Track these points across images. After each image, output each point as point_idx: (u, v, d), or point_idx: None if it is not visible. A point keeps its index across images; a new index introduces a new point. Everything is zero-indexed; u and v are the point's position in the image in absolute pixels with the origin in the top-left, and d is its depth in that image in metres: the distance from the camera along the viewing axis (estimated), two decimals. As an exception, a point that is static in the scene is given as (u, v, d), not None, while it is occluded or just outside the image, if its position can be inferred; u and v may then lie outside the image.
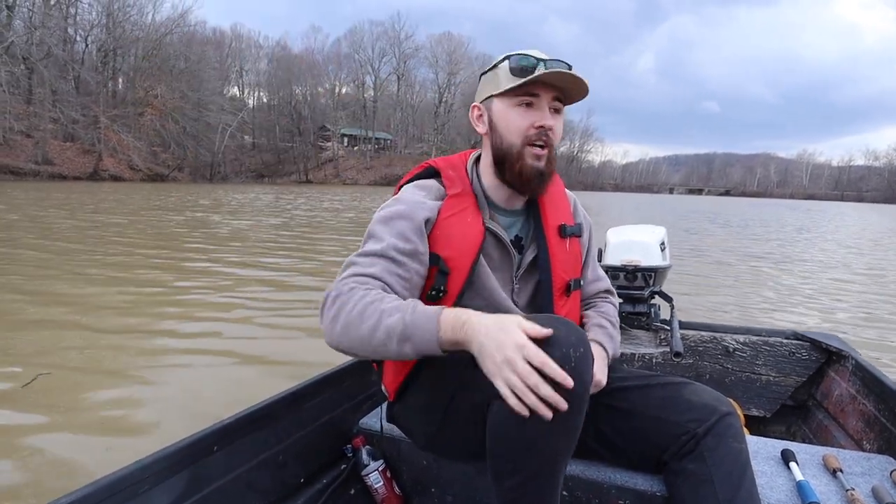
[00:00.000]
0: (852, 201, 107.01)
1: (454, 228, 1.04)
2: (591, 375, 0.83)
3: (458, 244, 1.04)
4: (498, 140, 1.07)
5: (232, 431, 1.10)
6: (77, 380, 2.73)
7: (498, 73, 1.06)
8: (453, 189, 1.09)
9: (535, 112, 1.04)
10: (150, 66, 48.49)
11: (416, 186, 1.10)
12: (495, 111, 1.07)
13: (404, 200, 1.05)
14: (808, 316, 4.86)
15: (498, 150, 1.07)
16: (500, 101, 1.06)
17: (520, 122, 1.04)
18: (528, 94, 1.03)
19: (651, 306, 2.09)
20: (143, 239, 8.53)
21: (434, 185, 1.10)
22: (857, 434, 1.53)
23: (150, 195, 22.21)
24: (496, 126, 1.07)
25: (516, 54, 1.04)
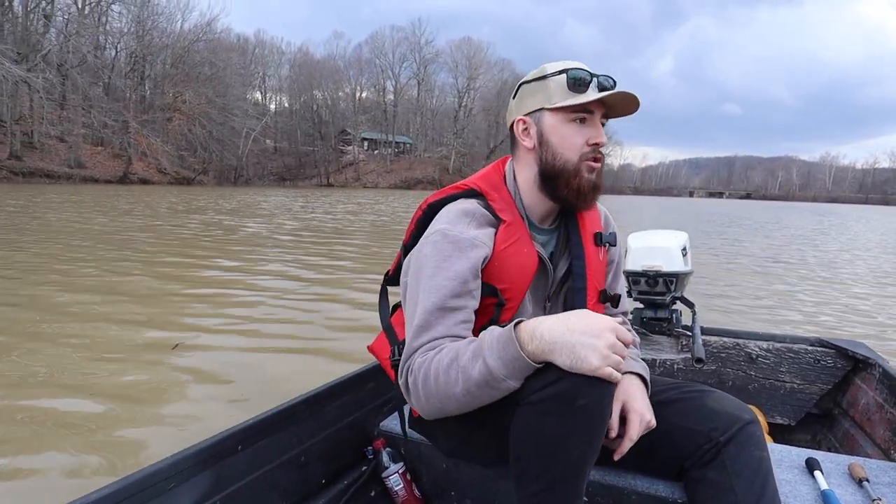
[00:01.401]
0: (877, 204, 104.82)
1: (511, 260, 1.01)
2: (615, 387, 0.83)
3: (515, 276, 1.02)
4: (550, 156, 1.03)
5: (255, 432, 1.13)
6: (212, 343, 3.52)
7: (549, 86, 1.02)
8: (505, 216, 1.04)
9: (589, 129, 1.02)
10: (177, 72, 49.69)
11: (462, 214, 1.03)
12: (547, 126, 1.03)
13: (455, 238, 0.98)
14: (831, 323, 4.80)
15: (550, 167, 1.03)
16: (552, 116, 1.02)
17: (576, 139, 1.02)
18: (584, 111, 1.01)
19: (672, 312, 2.08)
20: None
21: (481, 213, 1.04)
22: (885, 443, 1.50)
23: (197, 197, 22.77)
24: (548, 141, 1.03)
25: (573, 68, 1.01)
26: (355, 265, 6.98)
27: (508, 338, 0.82)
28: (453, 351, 0.87)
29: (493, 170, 1.13)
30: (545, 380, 0.80)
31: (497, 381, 0.82)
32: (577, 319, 0.81)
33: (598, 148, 1.03)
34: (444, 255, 0.96)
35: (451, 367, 0.85)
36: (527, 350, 0.81)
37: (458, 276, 0.94)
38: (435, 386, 0.87)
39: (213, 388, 2.79)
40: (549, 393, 0.80)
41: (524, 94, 1.06)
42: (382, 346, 1.17)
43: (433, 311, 0.93)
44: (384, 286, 1.22)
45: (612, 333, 0.79)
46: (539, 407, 0.81)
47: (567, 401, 0.80)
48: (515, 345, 0.81)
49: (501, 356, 0.81)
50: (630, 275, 2.00)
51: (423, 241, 1.01)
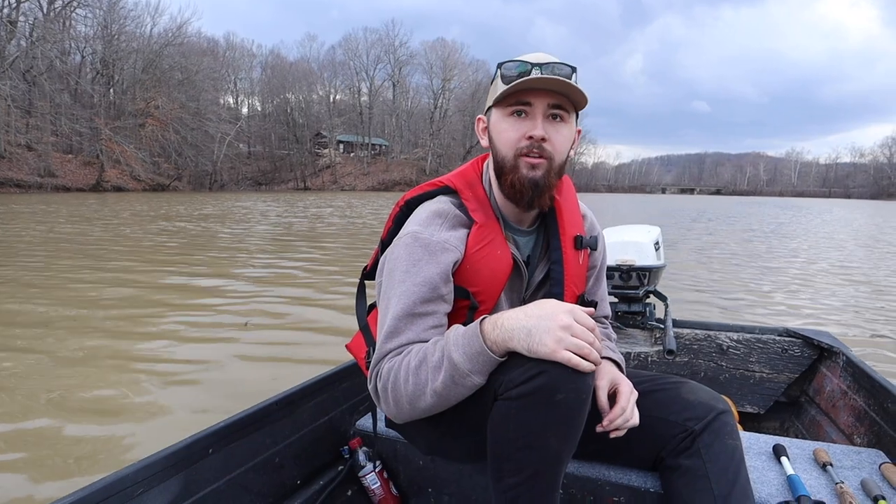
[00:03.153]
0: (839, 198, 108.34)
1: (483, 263, 0.99)
2: (593, 380, 0.85)
3: (488, 278, 1.00)
4: (496, 152, 1.01)
5: (227, 434, 1.11)
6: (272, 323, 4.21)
7: (497, 83, 0.99)
8: (478, 216, 1.02)
9: (527, 122, 0.97)
10: (148, 77, 48.86)
11: (434, 215, 1.00)
12: (492, 122, 1.01)
13: (425, 242, 0.96)
14: (799, 312, 4.93)
15: (497, 163, 1.01)
16: (496, 112, 1.00)
17: (511, 133, 0.98)
18: (520, 103, 0.97)
19: (646, 305, 2.10)
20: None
21: (454, 214, 1.01)
22: (848, 429, 1.55)
23: (174, 205, 22.49)
24: (493, 138, 1.02)
25: (510, 60, 0.97)
26: (336, 268, 7.06)
27: (473, 333, 0.83)
28: (421, 352, 0.88)
29: (470, 167, 1.11)
30: (524, 374, 0.80)
31: (462, 376, 0.82)
32: (535, 306, 0.82)
33: (538, 142, 0.96)
34: (415, 259, 0.95)
35: (420, 369, 0.86)
36: (489, 341, 0.81)
37: (427, 281, 0.94)
38: (404, 389, 0.88)
39: (189, 393, 2.81)
40: (529, 388, 0.80)
41: (487, 95, 1.06)
42: (359, 345, 1.16)
43: (402, 316, 0.93)
44: (361, 282, 1.20)
45: (568, 315, 0.79)
46: (518, 402, 0.81)
47: (546, 395, 0.79)
48: (479, 339, 0.82)
49: (466, 351, 0.82)
50: None
51: (396, 242, 1.00)
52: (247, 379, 3.01)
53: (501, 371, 0.83)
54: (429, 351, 0.87)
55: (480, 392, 0.85)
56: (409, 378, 0.87)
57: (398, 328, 0.92)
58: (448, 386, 0.83)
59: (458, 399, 0.86)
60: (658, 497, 1.05)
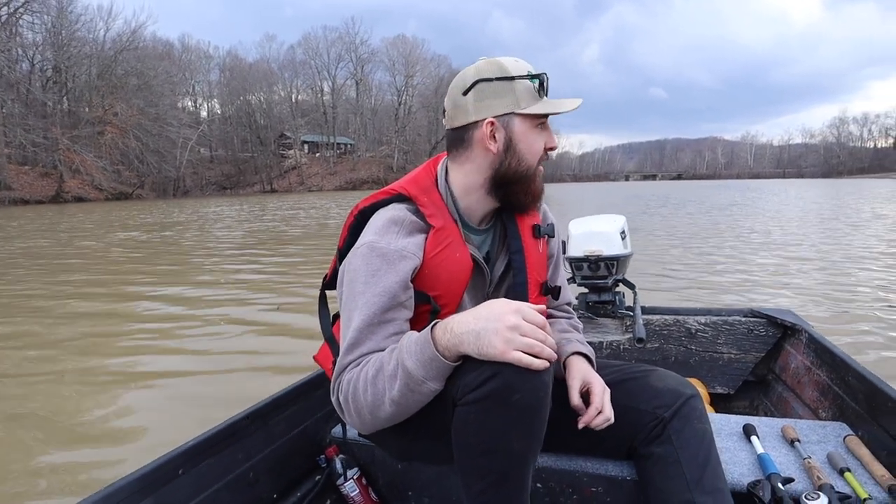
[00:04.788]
0: (793, 178, 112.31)
1: (443, 266, 1.00)
2: (551, 378, 0.84)
3: (448, 281, 1.00)
4: (515, 162, 1.01)
5: (197, 452, 1.08)
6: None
7: (516, 89, 0.99)
8: (435, 221, 1.01)
9: (547, 133, 1.04)
10: (104, 83, 47.81)
11: (390, 222, 1.00)
12: (517, 131, 1.00)
13: (382, 251, 0.96)
14: (761, 292, 5.01)
15: (512, 172, 1.01)
16: (522, 122, 1.00)
17: (539, 144, 1.02)
18: (545, 116, 1.02)
19: (615, 294, 2.12)
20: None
21: (410, 220, 1.00)
22: (814, 403, 1.58)
23: (137, 213, 22.15)
24: (516, 147, 1.00)
25: (537, 73, 1.00)
26: (307, 269, 7.08)
27: (425, 339, 0.83)
28: (378, 362, 0.88)
29: (423, 172, 1.09)
30: (478, 378, 0.80)
31: (418, 383, 0.83)
32: (483, 307, 0.82)
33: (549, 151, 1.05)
34: (373, 269, 0.95)
35: (377, 378, 0.87)
36: (440, 347, 0.81)
37: (386, 291, 0.94)
38: (364, 400, 0.88)
39: (157, 409, 2.75)
40: (484, 392, 0.80)
41: (485, 95, 0.99)
42: (326, 355, 1.15)
43: (362, 328, 0.93)
44: (322, 292, 1.19)
45: (515, 315, 0.79)
46: (475, 406, 0.81)
47: (502, 397, 0.80)
48: (431, 345, 0.82)
49: (419, 358, 0.82)
50: (572, 261, 2.04)
51: (353, 253, 0.99)
52: (217, 392, 2.92)
53: (457, 376, 0.83)
54: (384, 360, 0.88)
55: (441, 396, 0.86)
56: (368, 388, 0.88)
57: (359, 339, 0.93)
58: (405, 394, 0.84)
59: (419, 406, 0.87)
60: (635, 484, 1.08)
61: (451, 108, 1.04)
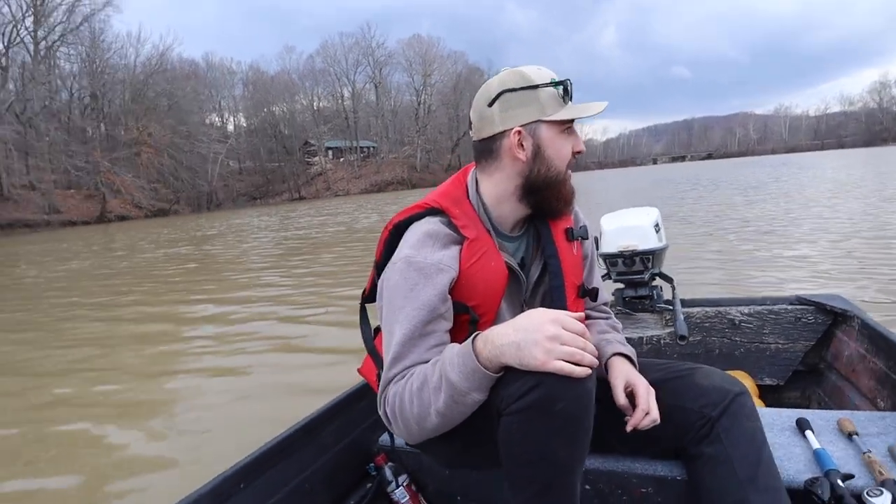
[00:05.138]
0: (832, 149, 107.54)
1: (479, 276, 1.01)
2: (594, 384, 0.84)
3: (485, 290, 1.01)
4: (544, 168, 1.03)
5: (256, 467, 1.12)
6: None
7: (540, 97, 1.01)
8: (469, 232, 1.03)
9: (574, 137, 1.05)
10: (138, 106, 50.14)
11: (426, 236, 1.01)
12: (545, 138, 1.02)
13: (420, 265, 0.97)
14: (807, 277, 4.79)
15: (542, 178, 1.03)
16: (549, 128, 1.02)
17: (568, 149, 1.04)
18: (571, 121, 1.04)
19: (653, 288, 2.08)
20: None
21: (444, 233, 1.02)
22: (871, 392, 1.52)
23: (177, 227, 22.72)
24: (544, 154, 1.02)
25: (560, 80, 1.03)
26: (343, 278, 7.13)
27: (467, 352, 0.84)
28: (422, 375, 0.90)
29: (453, 184, 1.11)
30: (521, 388, 0.81)
31: (462, 395, 0.84)
32: (522, 318, 0.83)
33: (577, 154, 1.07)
34: (411, 283, 0.97)
35: (423, 391, 0.88)
36: (482, 358, 0.82)
37: (426, 304, 0.95)
38: (410, 412, 0.90)
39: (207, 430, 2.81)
40: (527, 402, 0.81)
41: (511, 105, 1.02)
42: (370, 368, 1.18)
43: (405, 342, 0.95)
44: (363, 306, 1.22)
45: (555, 325, 0.79)
46: (519, 416, 0.82)
47: (545, 407, 0.80)
48: (473, 357, 0.83)
49: (462, 370, 0.83)
50: (607, 257, 2.01)
51: (391, 268, 1.01)
52: (264, 409, 2.99)
53: (500, 386, 0.84)
54: (428, 372, 0.89)
55: (486, 406, 0.87)
56: (414, 401, 0.89)
57: (401, 353, 0.95)
58: (450, 405, 0.86)
59: (463, 416, 0.88)
60: (684, 484, 1.05)
61: (478, 119, 1.06)
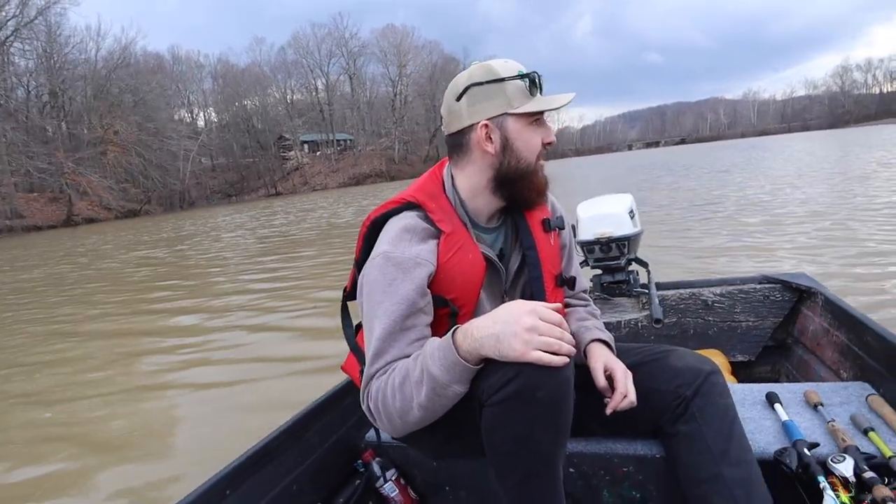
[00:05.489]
0: (798, 132, 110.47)
1: (457, 269, 1.02)
2: (572, 371, 0.86)
3: (463, 283, 1.03)
4: (514, 160, 1.04)
5: (241, 472, 1.11)
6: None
7: (507, 90, 1.02)
8: (445, 226, 1.04)
9: (543, 129, 1.06)
10: (101, 103, 48.01)
11: (403, 231, 1.02)
12: (512, 131, 1.03)
13: (398, 260, 0.99)
14: (775, 257, 5.02)
15: (512, 171, 1.05)
16: (515, 121, 1.03)
17: (536, 141, 1.05)
18: (539, 113, 1.05)
19: (629, 273, 2.15)
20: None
21: (422, 227, 1.03)
22: (835, 364, 1.61)
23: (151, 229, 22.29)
24: (512, 146, 1.03)
25: (527, 72, 1.04)
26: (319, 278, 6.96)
27: (447, 345, 0.85)
28: (404, 369, 0.91)
29: (429, 178, 1.12)
30: (501, 379, 0.83)
31: (443, 387, 0.85)
32: (501, 310, 0.85)
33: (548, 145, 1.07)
34: (390, 279, 0.98)
35: (405, 385, 0.90)
36: (462, 351, 0.84)
37: (405, 299, 0.96)
38: (393, 406, 0.91)
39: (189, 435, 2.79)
40: (508, 392, 0.82)
41: (478, 98, 1.03)
42: (353, 365, 1.19)
43: (385, 337, 0.96)
44: (344, 303, 1.21)
45: (532, 316, 0.82)
46: (501, 406, 0.84)
47: (526, 396, 0.82)
48: (453, 350, 0.84)
49: (443, 364, 0.85)
50: (584, 244, 2.07)
51: (370, 264, 1.02)
52: (247, 414, 2.93)
53: (482, 378, 0.86)
54: (410, 367, 0.90)
55: (468, 398, 0.88)
56: (396, 395, 0.91)
57: (383, 348, 0.96)
58: (432, 398, 0.87)
59: (446, 408, 0.90)
60: (663, 461, 1.12)
61: (447, 114, 1.08)
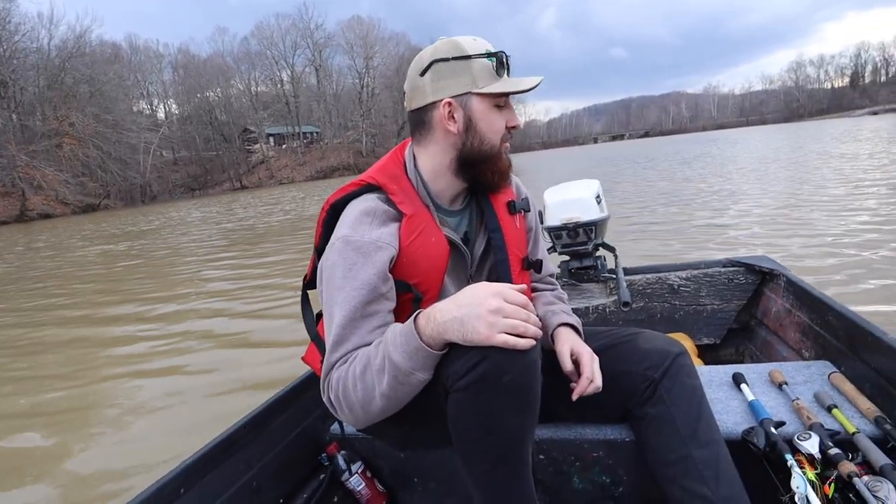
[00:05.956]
0: (756, 125, 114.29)
1: (419, 252, 0.99)
2: (539, 354, 0.84)
3: (426, 267, 0.99)
4: (477, 141, 1.00)
5: (198, 469, 1.06)
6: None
7: (473, 68, 0.98)
8: (407, 208, 1.00)
9: (508, 112, 1.03)
10: (55, 94, 46.04)
11: (363, 214, 0.98)
12: (476, 111, 0.99)
13: (358, 244, 0.95)
14: (737, 240, 5.15)
15: (475, 152, 1.01)
16: (480, 101, 0.99)
17: (500, 123, 1.01)
18: (504, 95, 1.00)
19: (597, 258, 2.14)
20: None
21: (382, 210, 0.99)
22: (797, 344, 1.62)
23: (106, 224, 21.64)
24: (476, 127, 1.00)
25: (494, 52, 0.99)
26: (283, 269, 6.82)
27: (409, 331, 0.82)
28: (365, 357, 0.88)
29: (390, 160, 1.08)
30: (466, 364, 0.80)
31: (406, 375, 0.82)
32: (464, 293, 0.82)
33: (513, 129, 1.04)
34: (349, 263, 0.94)
35: (366, 374, 0.86)
36: (425, 337, 0.81)
37: (366, 284, 0.93)
38: (354, 396, 0.88)
39: (148, 432, 2.68)
40: (474, 377, 0.80)
41: (442, 75, 0.99)
42: (314, 355, 1.15)
43: (346, 324, 0.92)
44: (304, 292, 1.18)
45: (496, 298, 0.79)
46: (467, 392, 0.81)
47: (492, 380, 0.80)
48: (415, 336, 0.81)
49: (405, 350, 0.82)
50: (551, 230, 2.05)
51: (329, 249, 0.98)
52: (210, 408, 2.84)
53: (446, 364, 0.83)
54: (371, 355, 0.87)
55: (433, 385, 0.86)
56: (357, 385, 0.87)
57: (343, 336, 0.92)
58: (394, 387, 0.84)
59: (409, 397, 0.87)
60: (632, 444, 1.11)
61: (410, 89, 1.04)
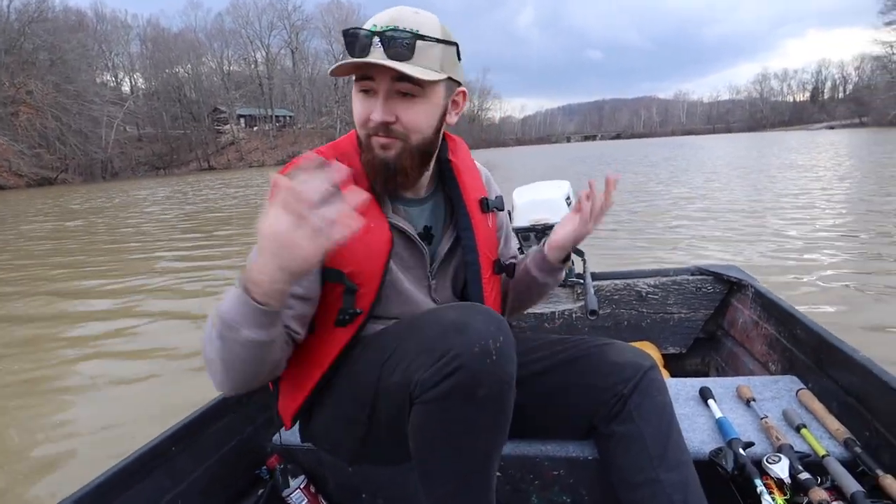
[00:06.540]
0: (722, 133, 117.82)
1: (356, 238, 0.79)
2: (515, 367, 0.78)
3: (363, 255, 0.89)
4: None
5: (113, 486, 0.94)
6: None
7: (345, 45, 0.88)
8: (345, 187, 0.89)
9: (373, 100, 0.87)
10: (13, 60, 43.79)
11: None
12: (353, 95, 0.92)
13: None
14: (706, 250, 5.08)
15: (357, 140, 0.94)
16: (355, 85, 0.89)
17: (360, 112, 0.89)
18: (365, 78, 0.86)
19: None
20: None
21: None
22: (763, 357, 1.59)
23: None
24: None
25: (354, 29, 0.85)
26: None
27: (237, 280, 0.75)
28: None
29: (347, 137, 0.99)
30: (438, 374, 0.74)
31: (234, 331, 0.74)
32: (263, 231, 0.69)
33: (382, 125, 0.86)
34: None
35: (210, 332, 0.78)
36: (252, 285, 0.72)
37: None
38: (211, 354, 0.79)
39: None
40: (446, 387, 0.74)
41: None
42: None
43: None
44: None
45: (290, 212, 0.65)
46: (437, 404, 0.75)
47: (467, 393, 0.74)
48: (241, 284, 0.73)
49: (232, 303, 0.74)
50: (519, 231, 1.98)
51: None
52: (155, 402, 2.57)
53: (413, 370, 0.77)
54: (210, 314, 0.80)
55: (393, 394, 0.80)
56: (215, 342, 0.77)
57: None
58: (223, 346, 0.76)
59: (249, 361, 0.78)
60: (597, 463, 1.04)
61: None
